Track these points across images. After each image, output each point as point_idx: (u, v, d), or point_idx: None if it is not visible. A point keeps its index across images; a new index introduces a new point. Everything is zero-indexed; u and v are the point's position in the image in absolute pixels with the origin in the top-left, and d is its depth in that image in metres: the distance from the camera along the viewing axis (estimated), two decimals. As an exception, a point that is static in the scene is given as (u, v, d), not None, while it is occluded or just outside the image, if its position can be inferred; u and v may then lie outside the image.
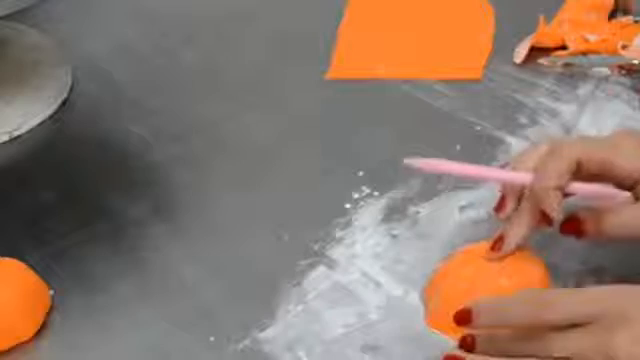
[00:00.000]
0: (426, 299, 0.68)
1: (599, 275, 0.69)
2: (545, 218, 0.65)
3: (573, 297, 0.60)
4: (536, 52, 0.88)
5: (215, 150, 0.83)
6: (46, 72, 0.91)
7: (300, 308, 0.69)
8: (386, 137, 0.82)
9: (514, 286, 0.65)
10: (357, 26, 0.95)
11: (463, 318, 0.61)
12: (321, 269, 0.71)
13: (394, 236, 0.73)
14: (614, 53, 0.87)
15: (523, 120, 0.82)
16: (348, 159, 0.80)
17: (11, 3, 0.78)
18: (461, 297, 0.64)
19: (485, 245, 0.68)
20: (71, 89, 0.90)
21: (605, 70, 0.86)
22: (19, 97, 0.88)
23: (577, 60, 0.87)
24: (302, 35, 0.94)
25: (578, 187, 0.66)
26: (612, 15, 0.91)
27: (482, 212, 0.74)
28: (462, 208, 0.75)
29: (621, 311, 0.57)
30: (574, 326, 0.58)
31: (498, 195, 0.69)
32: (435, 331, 0.66)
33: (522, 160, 0.68)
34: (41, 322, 0.69)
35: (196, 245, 0.75)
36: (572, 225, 0.66)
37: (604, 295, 0.59)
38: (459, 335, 0.62)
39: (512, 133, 0.81)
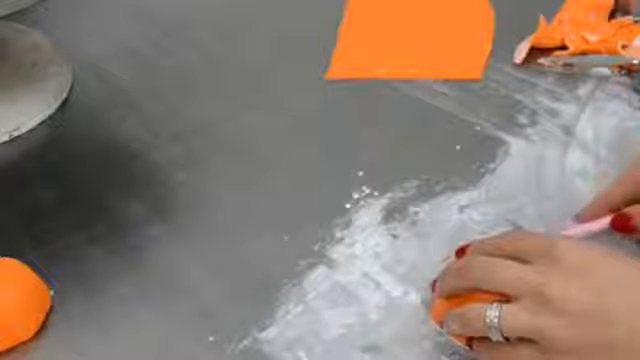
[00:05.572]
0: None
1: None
2: None
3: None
4: (536, 52, 0.88)
5: (215, 150, 0.83)
6: (46, 72, 0.91)
7: (300, 308, 0.69)
8: (386, 137, 0.82)
9: None
10: (357, 26, 0.95)
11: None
12: (321, 269, 0.71)
13: (394, 236, 0.73)
14: (614, 53, 0.87)
15: (523, 120, 0.82)
16: (348, 159, 0.80)
17: (11, 3, 0.78)
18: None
19: None
20: (71, 89, 0.90)
21: (605, 70, 0.86)
22: (19, 97, 0.88)
23: (577, 60, 0.87)
24: (302, 35, 0.94)
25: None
26: (612, 15, 0.91)
27: (482, 212, 0.74)
28: (462, 208, 0.75)
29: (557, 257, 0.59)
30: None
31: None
32: (438, 326, 0.66)
33: (606, 196, 0.69)
34: (41, 322, 0.69)
35: (196, 245, 0.75)
36: (621, 221, 0.67)
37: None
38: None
39: (512, 133, 0.81)
